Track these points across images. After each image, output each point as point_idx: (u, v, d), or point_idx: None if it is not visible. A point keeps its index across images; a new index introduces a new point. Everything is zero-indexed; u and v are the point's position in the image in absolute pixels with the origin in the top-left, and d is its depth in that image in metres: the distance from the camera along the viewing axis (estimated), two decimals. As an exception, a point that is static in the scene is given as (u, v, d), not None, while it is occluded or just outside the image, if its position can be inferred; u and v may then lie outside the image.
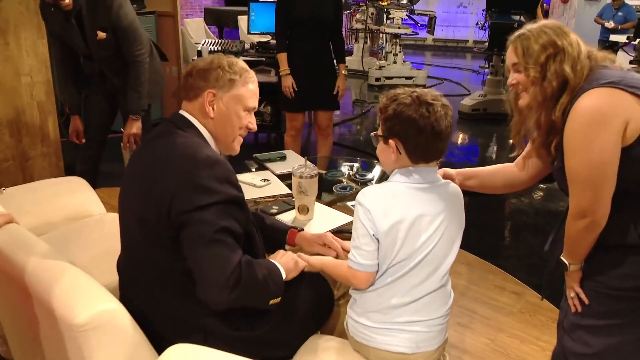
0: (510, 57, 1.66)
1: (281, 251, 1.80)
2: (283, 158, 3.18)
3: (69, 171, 3.65)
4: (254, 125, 1.75)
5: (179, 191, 1.47)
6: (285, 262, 1.69)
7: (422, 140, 1.55)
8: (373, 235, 1.54)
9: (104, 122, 3.51)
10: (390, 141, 1.58)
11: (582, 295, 1.67)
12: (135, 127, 3.25)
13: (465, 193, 1.78)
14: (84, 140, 3.39)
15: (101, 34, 3.09)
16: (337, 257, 1.89)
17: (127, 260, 1.70)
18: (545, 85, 1.57)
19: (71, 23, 3.02)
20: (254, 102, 1.73)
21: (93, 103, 3.46)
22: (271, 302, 1.59)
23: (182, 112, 1.70)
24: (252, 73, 1.74)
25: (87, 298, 1.28)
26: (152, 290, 1.58)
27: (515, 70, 1.65)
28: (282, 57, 4.02)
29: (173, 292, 1.56)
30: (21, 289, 1.38)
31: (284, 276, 1.64)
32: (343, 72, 4.09)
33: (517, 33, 1.65)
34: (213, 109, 1.66)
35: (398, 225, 1.53)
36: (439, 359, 1.73)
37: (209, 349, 1.11)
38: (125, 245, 1.70)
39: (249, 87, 1.71)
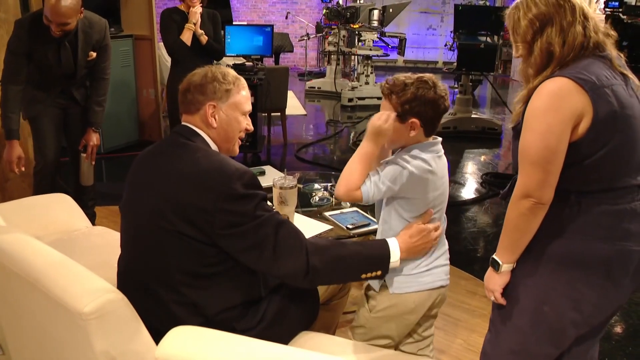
0: (508, 27, 1.67)
1: None
2: (262, 173, 3.31)
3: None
4: (250, 126, 1.91)
5: (222, 205, 1.57)
6: None
7: (436, 117, 1.82)
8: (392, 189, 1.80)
9: (60, 137, 3.44)
10: (414, 119, 1.78)
11: (501, 301, 1.71)
12: (95, 138, 3.38)
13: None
14: (23, 168, 3.20)
15: (92, 54, 3.22)
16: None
17: (132, 264, 1.75)
18: (531, 61, 1.60)
19: (64, 45, 3.10)
20: (248, 106, 1.88)
21: (49, 119, 3.33)
22: (363, 275, 1.76)
23: (185, 123, 1.81)
24: (243, 80, 1.88)
25: (93, 289, 1.37)
26: (155, 292, 1.65)
27: (514, 41, 1.67)
28: None
29: (177, 296, 1.63)
30: (26, 284, 1.46)
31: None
32: None
33: (515, 3, 1.64)
34: (215, 119, 1.78)
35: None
36: None
37: (211, 330, 1.21)
38: (133, 250, 1.75)
39: (243, 94, 1.85)
